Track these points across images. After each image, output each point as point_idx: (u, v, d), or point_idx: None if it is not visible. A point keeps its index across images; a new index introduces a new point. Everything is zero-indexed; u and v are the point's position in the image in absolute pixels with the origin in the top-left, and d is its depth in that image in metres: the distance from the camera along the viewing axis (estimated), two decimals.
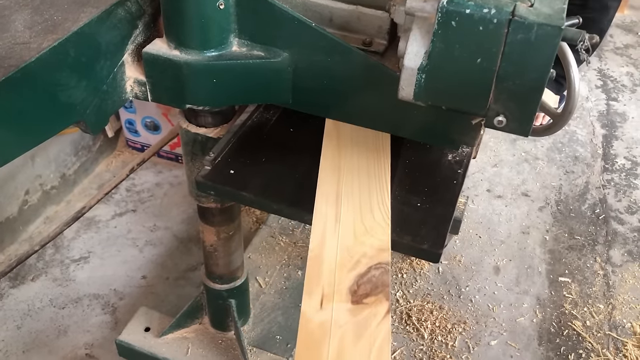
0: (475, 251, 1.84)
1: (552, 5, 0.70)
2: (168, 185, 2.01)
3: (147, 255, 1.77)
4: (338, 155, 0.95)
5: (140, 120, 2.01)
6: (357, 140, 0.97)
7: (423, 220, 0.87)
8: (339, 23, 0.93)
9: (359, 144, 0.97)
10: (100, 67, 0.85)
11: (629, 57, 2.84)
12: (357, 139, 0.97)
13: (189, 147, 1.05)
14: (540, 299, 1.71)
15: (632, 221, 1.97)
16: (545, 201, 2.03)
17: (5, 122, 0.74)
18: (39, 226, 1.83)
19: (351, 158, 0.95)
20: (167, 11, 0.87)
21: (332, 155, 0.95)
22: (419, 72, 0.76)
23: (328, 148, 0.96)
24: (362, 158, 0.95)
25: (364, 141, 0.97)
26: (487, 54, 0.71)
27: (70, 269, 1.72)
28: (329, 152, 0.95)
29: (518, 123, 0.76)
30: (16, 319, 1.59)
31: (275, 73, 0.90)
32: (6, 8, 0.81)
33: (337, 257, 0.83)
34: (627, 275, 1.79)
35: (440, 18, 0.71)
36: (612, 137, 2.34)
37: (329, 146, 0.96)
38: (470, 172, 2.12)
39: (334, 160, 0.95)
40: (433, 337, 1.59)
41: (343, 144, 0.97)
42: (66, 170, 1.92)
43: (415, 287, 1.72)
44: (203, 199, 1.11)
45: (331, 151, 0.96)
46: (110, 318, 1.60)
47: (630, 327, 1.64)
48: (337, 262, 0.83)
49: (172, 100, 0.94)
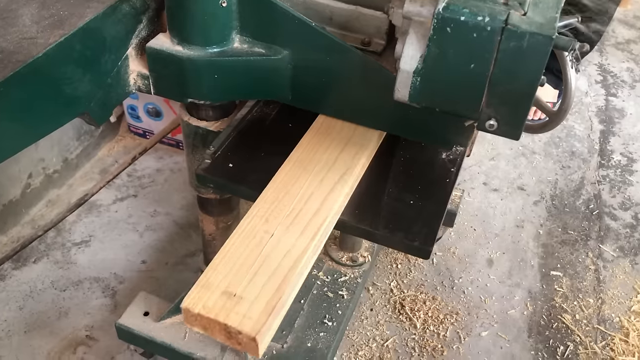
0: (470, 243, 1.87)
1: (544, 15, 0.72)
2: (169, 171, 2.04)
3: (147, 240, 1.80)
4: (312, 149, 0.97)
5: (143, 107, 2.03)
6: (342, 136, 0.98)
7: (415, 218, 0.90)
8: (338, 22, 0.95)
9: (343, 140, 0.98)
10: (104, 61, 0.88)
11: (630, 53, 2.85)
12: (343, 136, 0.99)
13: (190, 139, 1.07)
14: (531, 292, 1.74)
15: (625, 217, 2.00)
16: (541, 195, 2.06)
17: (14, 115, 0.76)
18: (41, 209, 1.86)
19: (322, 154, 0.96)
20: (171, 7, 0.89)
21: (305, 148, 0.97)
22: (415, 75, 0.78)
23: (305, 141, 0.98)
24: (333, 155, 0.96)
25: (348, 138, 0.98)
26: (480, 60, 0.74)
27: (72, 252, 1.75)
28: (304, 145, 0.98)
29: (509, 127, 0.78)
30: (18, 299, 1.62)
31: (275, 70, 0.93)
32: (13, 2, 0.83)
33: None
34: (618, 270, 1.82)
35: (436, 24, 0.73)
36: (609, 133, 2.36)
37: (306, 139, 0.98)
38: (467, 165, 2.15)
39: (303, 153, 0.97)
40: (425, 327, 1.63)
41: (323, 139, 0.98)
42: (69, 155, 1.94)
43: (409, 277, 1.75)
44: (202, 189, 1.14)
45: (306, 144, 0.98)
46: (110, 301, 1.64)
47: (618, 321, 1.68)
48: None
49: (174, 94, 0.97)
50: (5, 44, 0.76)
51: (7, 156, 0.79)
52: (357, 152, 0.95)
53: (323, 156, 0.95)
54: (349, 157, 0.95)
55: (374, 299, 1.69)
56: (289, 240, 0.82)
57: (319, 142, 0.97)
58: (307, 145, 0.97)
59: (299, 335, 1.39)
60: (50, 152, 1.87)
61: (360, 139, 0.97)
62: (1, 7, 0.82)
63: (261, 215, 0.87)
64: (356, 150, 0.96)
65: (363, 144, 0.97)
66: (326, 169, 0.93)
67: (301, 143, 0.97)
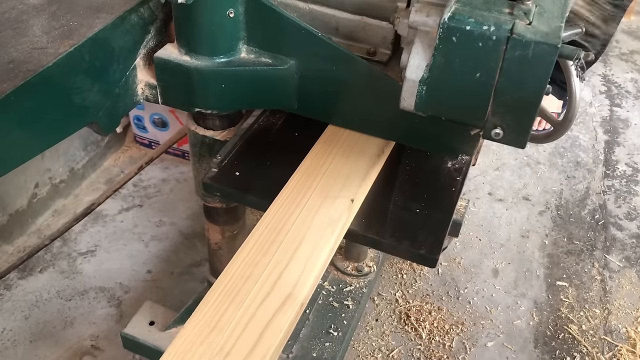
0: (475, 253, 1.86)
1: (549, 24, 0.73)
2: (174, 181, 2.04)
3: (153, 250, 1.81)
4: (321, 159, 0.97)
5: (149, 117, 2.04)
6: (351, 146, 0.98)
7: (421, 226, 0.90)
8: (344, 32, 0.96)
9: (353, 150, 0.98)
10: (113, 70, 0.89)
11: (634, 63, 2.86)
12: (352, 146, 0.98)
13: (196, 148, 1.08)
14: (537, 303, 1.73)
15: (631, 227, 1.99)
16: (546, 206, 2.05)
17: (24, 124, 0.77)
18: (47, 219, 1.87)
19: (331, 164, 0.96)
20: (179, 18, 0.90)
21: (315, 157, 0.97)
22: (420, 84, 0.79)
23: (315, 150, 0.98)
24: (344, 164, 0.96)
25: (357, 148, 0.98)
26: (485, 69, 0.74)
27: (77, 262, 1.76)
28: (314, 154, 0.97)
29: (514, 135, 0.79)
30: (24, 309, 1.63)
31: (281, 80, 0.94)
32: (24, 13, 0.84)
33: None
34: (624, 281, 1.81)
35: (441, 33, 0.74)
36: (614, 143, 2.36)
37: (317, 149, 0.98)
38: (472, 175, 2.15)
39: (313, 162, 0.96)
40: (431, 337, 1.62)
41: (332, 148, 0.98)
42: (75, 165, 1.95)
43: (414, 287, 1.75)
44: (209, 198, 1.14)
45: (316, 153, 0.97)
46: (116, 311, 1.64)
47: (625, 332, 1.67)
48: None
49: (181, 104, 0.98)
50: (16, 54, 0.77)
51: (17, 164, 0.79)
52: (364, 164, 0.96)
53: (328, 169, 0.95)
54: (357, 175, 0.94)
55: (379, 309, 1.68)
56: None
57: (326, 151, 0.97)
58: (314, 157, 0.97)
59: (304, 345, 1.39)
60: (57, 162, 1.88)
61: (365, 148, 0.98)
62: (12, 17, 0.83)
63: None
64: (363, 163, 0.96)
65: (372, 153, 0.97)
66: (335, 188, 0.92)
67: (309, 155, 0.97)
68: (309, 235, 0.84)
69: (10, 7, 0.85)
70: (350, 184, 0.92)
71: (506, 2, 0.75)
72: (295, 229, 0.85)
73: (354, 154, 0.96)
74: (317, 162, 0.95)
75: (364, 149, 0.98)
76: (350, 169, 0.94)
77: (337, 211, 0.87)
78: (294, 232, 0.84)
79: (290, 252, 0.82)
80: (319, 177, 0.93)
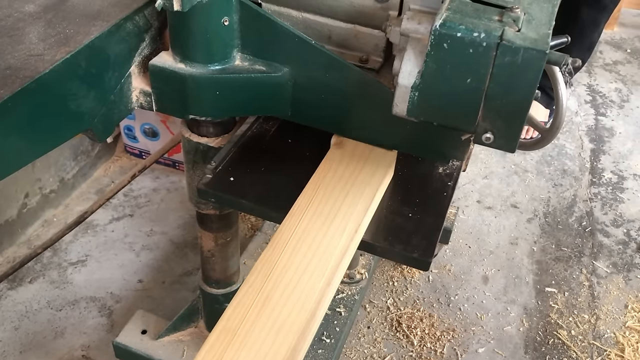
0: (465, 261, 1.88)
1: (538, 31, 0.75)
2: (165, 190, 2.04)
3: (144, 259, 1.80)
4: (334, 169, 0.98)
5: (139, 127, 2.05)
6: (362, 156, 1.00)
7: (414, 230, 0.92)
8: (337, 41, 0.97)
9: (365, 160, 0.99)
10: (108, 78, 0.90)
11: (617, 74, 2.91)
12: (363, 155, 1.00)
13: (190, 155, 1.09)
14: (527, 309, 1.75)
15: (618, 234, 2.02)
16: (534, 213, 2.08)
17: (20, 130, 0.77)
18: (37, 229, 1.86)
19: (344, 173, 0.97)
20: (174, 26, 0.91)
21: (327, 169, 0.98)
22: (412, 90, 0.80)
23: (328, 160, 0.99)
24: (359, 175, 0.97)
25: (369, 158, 1.00)
26: (476, 74, 0.76)
27: (68, 272, 1.75)
28: (328, 163, 0.99)
29: (505, 140, 0.80)
30: (14, 320, 1.61)
31: (275, 87, 0.95)
32: (21, 21, 0.85)
33: None
34: (612, 286, 1.83)
35: (433, 40, 0.76)
36: (599, 152, 2.40)
37: (329, 158, 1.00)
38: (461, 184, 2.17)
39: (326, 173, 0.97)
40: (422, 344, 1.63)
41: (346, 159, 0.99)
42: (65, 175, 1.95)
43: (405, 294, 1.76)
44: (202, 205, 1.15)
45: (329, 164, 0.99)
46: (107, 321, 1.63)
47: (613, 337, 1.69)
48: None
49: (176, 111, 0.98)
50: (13, 61, 0.77)
51: (12, 171, 0.80)
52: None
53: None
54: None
55: (370, 316, 1.69)
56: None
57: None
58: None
59: None
60: (47, 172, 1.87)
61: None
62: (9, 25, 0.84)
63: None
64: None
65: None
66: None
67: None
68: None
69: (7, 14, 0.86)
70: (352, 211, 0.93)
71: (496, 10, 0.77)
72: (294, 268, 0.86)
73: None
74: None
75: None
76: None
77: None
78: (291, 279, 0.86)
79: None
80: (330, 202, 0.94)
